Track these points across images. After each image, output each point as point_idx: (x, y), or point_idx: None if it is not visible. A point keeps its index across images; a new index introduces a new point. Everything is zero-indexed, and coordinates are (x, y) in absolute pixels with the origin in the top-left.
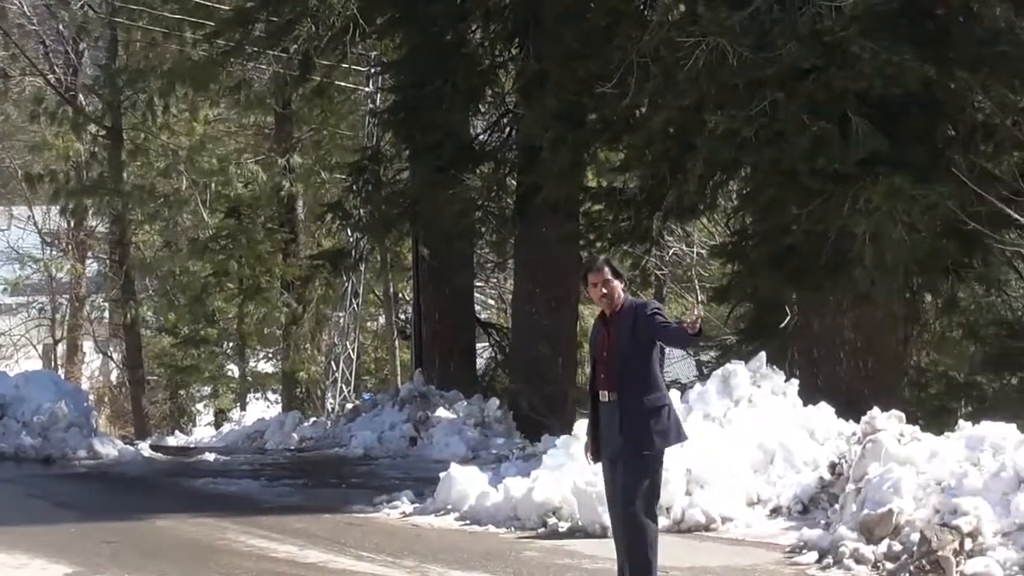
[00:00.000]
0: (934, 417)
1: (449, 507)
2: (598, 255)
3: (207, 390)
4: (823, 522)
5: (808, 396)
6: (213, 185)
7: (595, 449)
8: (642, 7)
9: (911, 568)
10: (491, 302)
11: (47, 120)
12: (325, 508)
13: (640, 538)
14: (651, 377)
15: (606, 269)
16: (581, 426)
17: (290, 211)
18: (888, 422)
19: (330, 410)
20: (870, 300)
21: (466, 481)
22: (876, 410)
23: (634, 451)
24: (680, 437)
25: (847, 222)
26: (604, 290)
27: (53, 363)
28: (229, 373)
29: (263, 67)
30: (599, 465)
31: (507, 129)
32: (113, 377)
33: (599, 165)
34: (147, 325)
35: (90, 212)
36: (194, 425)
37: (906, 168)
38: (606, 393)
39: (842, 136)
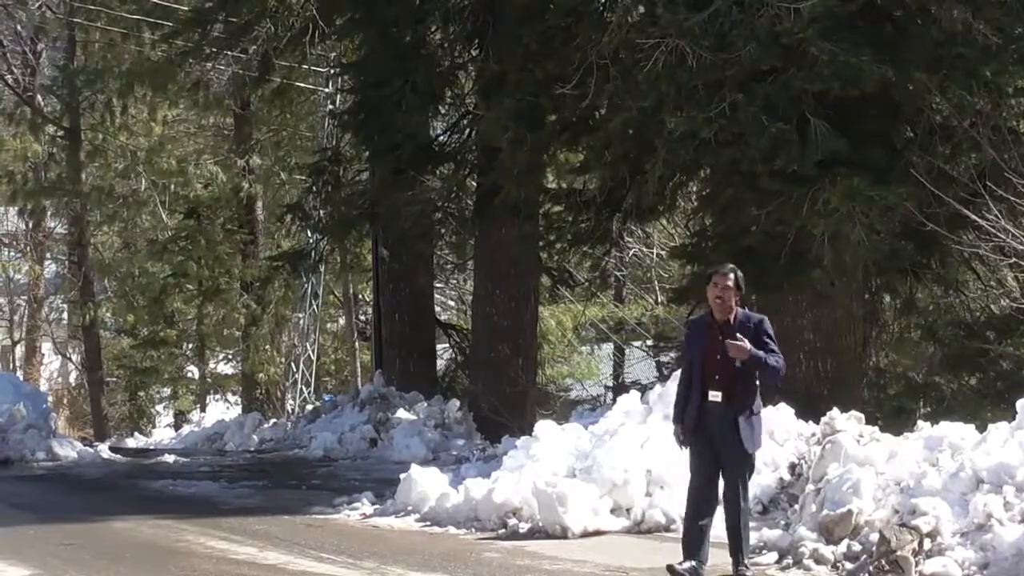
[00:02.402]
0: (893, 418)
1: (409, 508)
2: (727, 262)
3: (166, 391)
4: (783, 523)
5: (767, 397)
6: (172, 186)
7: (688, 439)
8: (601, 8)
9: (870, 568)
10: (451, 303)
11: (4, 120)
12: (285, 510)
13: (747, 519)
14: (756, 387)
15: (731, 276)
16: (541, 427)
17: (249, 212)
18: (847, 423)
19: (290, 411)
20: (829, 301)
21: (426, 482)
22: (835, 411)
23: (746, 453)
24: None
25: (806, 223)
26: (722, 294)
27: (11, 365)
28: (188, 375)
29: (222, 68)
30: (560, 466)
31: (467, 130)
32: (72, 379)
33: (559, 166)
34: (106, 327)
35: (48, 213)
36: (153, 427)
37: (864, 169)
38: (718, 395)
39: (800, 137)
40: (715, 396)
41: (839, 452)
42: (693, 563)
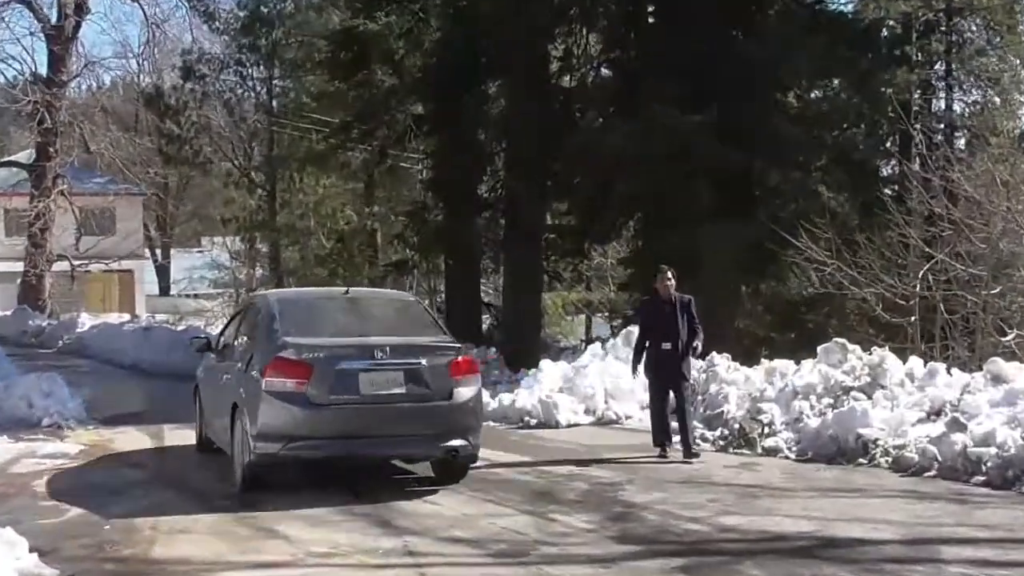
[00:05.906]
0: (746, 357)
1: None
2: (667, 266)
3: None
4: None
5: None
6: (328, 224)
7: (638, 369)
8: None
9: (734, 444)
10: (491, 291)
11: (233, 186)
12: None
13: (691, 417)
14: (692, 342)
15: (670, 273)
16: (543, 364)
17: (372, 239)
18: (720, 360)
19: None
20: (710, 289)
21: None
22: (714, 353)
23: (687, 379)
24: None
25: (698, 246)
26: (668, 282)
27: None
28: None
29: (357, 155)
30: (555, 386)
31: (500, 191)
32: None
33: (553, 213)
34: None
35: (257, 240)
36: None
37: (730, 218)
38: (669, 345)
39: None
40: (667, 346)
41: (716, 377)
42: (664, 442)
